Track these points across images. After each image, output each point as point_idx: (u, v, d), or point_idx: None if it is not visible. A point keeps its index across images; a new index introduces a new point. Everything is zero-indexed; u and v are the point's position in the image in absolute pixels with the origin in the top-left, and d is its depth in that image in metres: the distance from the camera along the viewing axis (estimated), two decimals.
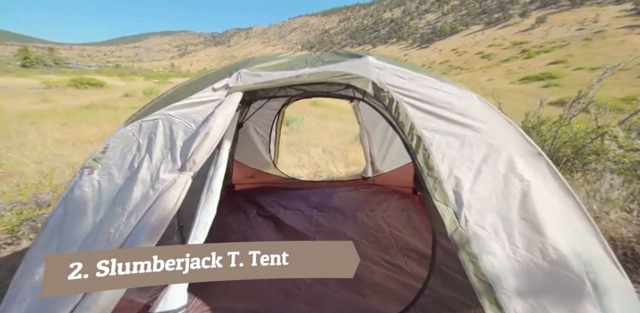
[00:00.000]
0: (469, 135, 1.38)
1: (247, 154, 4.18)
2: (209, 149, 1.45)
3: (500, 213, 1.19)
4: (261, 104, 3.75)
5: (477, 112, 1.44)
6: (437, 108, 1.48)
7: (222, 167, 1.82)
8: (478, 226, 1.17)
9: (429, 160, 1.39)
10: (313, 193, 3.91)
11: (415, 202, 3.48)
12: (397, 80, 1.60)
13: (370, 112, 3.87)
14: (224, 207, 3.51)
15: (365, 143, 3.92)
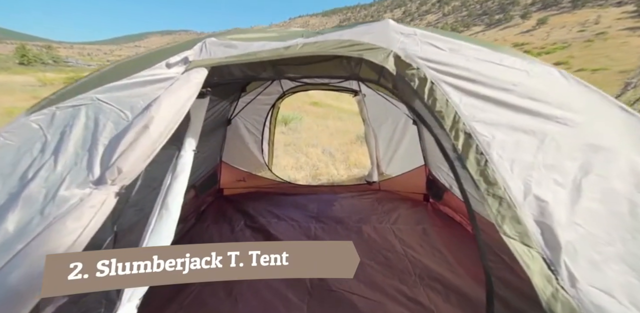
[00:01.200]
0: (553, 131, 0.88)
1: (237, 155, 3.67)
2: (146, 150, 0.94)
3: (634, 264, 0.68)
4: (251, 97, 3.24)
5: (563, 96, 0.93)
6: (497, 91, 0.98)
7: (183, 177, 1.31)
8: (598, 290, 0.66)
9: (487, 169, 0.89)
10: (311, 200, 3.40)
11: (429, 212, 2.97)
12: (431, 51, 1.09)
13: (377, 107, 3.36)
14: (207, 216, 3.01)
15: (371, 143, 3.41)
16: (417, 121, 3.07)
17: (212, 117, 2.70)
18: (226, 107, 2.99)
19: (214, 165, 3.38)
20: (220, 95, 2.56)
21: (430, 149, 2.98)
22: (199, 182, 2.96)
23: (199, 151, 1.71)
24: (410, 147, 3.37)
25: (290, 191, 3.70)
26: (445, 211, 2.86)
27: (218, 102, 2.65)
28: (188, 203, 2.80)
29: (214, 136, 3.06)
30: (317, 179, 4.43)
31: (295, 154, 5.82)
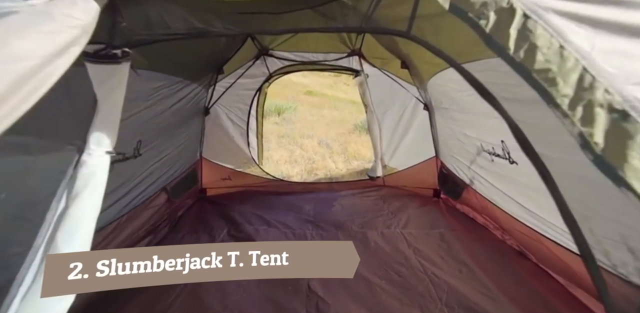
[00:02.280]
0: None
1: (220, 150, 3.15)
2: None
3: None
4: (230, 81, 2.67)
5: None
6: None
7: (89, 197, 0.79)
8: None
9: None
10: (307, 199, 2.92)
11: (443, 211, 2.51)
12: None
13: (382, 90, 2.82)
14: (183, 224, 2.52)
15: (375, 132, 2.90)
16: (430, 106, 2.56)
17: (180, 105, 2.15)
18: (200, 92, 2.44)
19: (193, 162, 2.86)
20: (186, 74, 2.01)
21: (443, 137, 2.48)
22: (171, 184, 2.45)
23: (167, 147, 1.18)
24: (418, 136, 2.87)
25: (283, 190, 3.21)
26: (463, 210, 2.40)
27: (185, 85, 2.10)
28: (158, 210, 2.30)
29: (186, 128, 2.51)
30: (313, 174, 3.94)
31: (289, 146, 5.30)
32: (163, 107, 1.93)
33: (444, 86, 1.98)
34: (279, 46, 2.45)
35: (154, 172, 2.16)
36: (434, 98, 2.31)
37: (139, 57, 1.50)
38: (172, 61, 1.76)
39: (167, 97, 1.90)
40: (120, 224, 1.87)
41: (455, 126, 2.07)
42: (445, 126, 2.27)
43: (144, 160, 1.99)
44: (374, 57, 2.47)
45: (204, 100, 2.71)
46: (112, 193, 1.70)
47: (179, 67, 1.86)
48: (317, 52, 2.54)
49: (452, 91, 1.87)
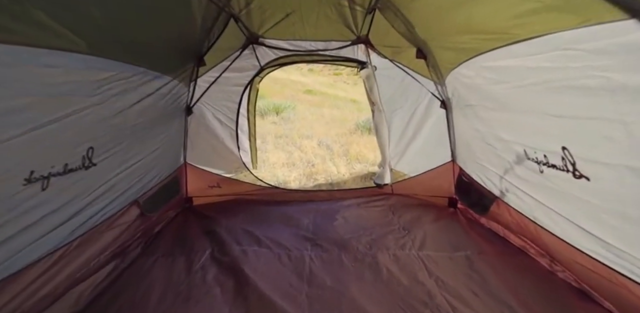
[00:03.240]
0: None
1: (207, 154, 2.74)
2: None
3: None
4: (213, 75, 2.25)
5: None
6: None
7: None
8: None
9: None
10: (305, 211, 2.52)
11: (465, 226, 2.10)
12: None
13: (391, 86, 2.39)
14: (158, 244, 2.11)
15: (384, 134, 2.48)
16: (448, 103, 2.14)
17: (149, 103, 1.74)
18: (177, 88, 2.02)
19: (174, 169, 2.44)
20: (152, 63, 1.59)
21: (465, 140, 2.06)
22: (145, 196, 2.04)
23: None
24: (431, 138, 2.46)
25: (278, 198, 2.80)
26: (489, 226, 1.99)
27: (153, 78, 1.68)
28: (128, 228, 1.89)
29: (163, 130, 2.10)
30: (312, 179, 3.53)
31: (287, 147, 4.90)
32: (122, 104, 1.51)
33: (472, 78, 1.56)
34: (271, 32, 2.02)
35: (118, 183, 1.75)
36: (455, 93, 1.89)
37: (70, 34, 1.09)
38: (126, 44, 1.34)
39: (126, 91, 1.48)
40: (70, 251, 1.47)
41: (485, 127, 1.66)
42: (470, 127, 1.86)
43: (102, 171, 1.58)
44: (383, 46, 2.04)
45: (185, 97, 2.29)
46: (50, 215, 1.29)
47: (137, 52, 1.44)
48: (316, 40, 2.11)
49: (485, 83, 1.46)
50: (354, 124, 6.24)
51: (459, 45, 1.50)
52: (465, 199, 2.21)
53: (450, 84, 1.93)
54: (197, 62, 2.04)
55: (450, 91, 1.99)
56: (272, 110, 7.49)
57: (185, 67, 1.95)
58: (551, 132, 1.12)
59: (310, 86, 15.11)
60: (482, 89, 1.49)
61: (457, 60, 1.63)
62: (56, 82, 1.13)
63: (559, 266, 1.41)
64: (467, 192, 2.15)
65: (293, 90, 13.67)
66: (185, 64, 1.93)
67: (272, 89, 12.85)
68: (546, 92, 1.05)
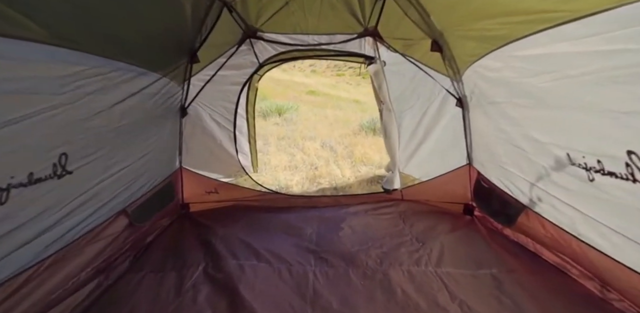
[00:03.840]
0: None
1: (204, 158, 2.54)
2: None
3: None
4: (209, 73, 2.04)
5: None
6: None
7: None
8: None
9: None
10: (309, 218, 2.30)
11: (486, 237, 1.87)
12: None
13: (401, 83, 2.18)
14: (148, 257, 1.90)
15: (394, 135, 2.26)
16: (464, 101, 1.91)
17: (134, 102, 1.54)
18: (168, 86, 1.82)
19: (168, 174, 2.25)
20: (135, 58, 1.39)
21: (486, 141, 1.84)
22: (134, 205, 1.84)
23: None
24: (445, 138, 2.23)
25: (279, 204, 2.59)
26: (515, 238, 1.75)
27: (138, 74, 1.48)
28: (114, 240, 1.70)
29: (155, 133, 1.90)
30: (316, 183, 3.32)
31: (290, 149, 4.69)
32: (100, 104, 1.32)
33: (499, 71, 1.34)
34: (270, 25, 1.81)
35: (101, 192, 1.55)
36: (476, 90, 1.67)
37: (26, 21, 0.90)
38: (100, 34, 1.14)
39: (104, 90, 1.28)
40: (42, 271, 1.28)
41: (513, 127, 1.43)
42: (493, 127, 1.63)
43: (81, 179, 1.39)
44: (394, 38, 1.83)
45: (178, 97, 2.09)
46: (13, 232, 1.10)
47: (115, 45, 1.24)
48: (319, 33, 1.91)
49: (516, 76, 1.23)
50: (357, 125, 6.03)
51: (484, 33, 1.28)
52: (485, 207, 1.98)
53: (469, 80, 1.70)
54: (189, 58, 1.84)
55: (468, 88, 1.77)
56: (274, 111, 7.31)
57: (177, 63, 1.75)
58: (611, 133, 0.89)
59: (313, 87, 14.94)
60: (513, 82, 1.27)
61: (479, 51, 1.41)
62: (11, 77, 0.94)
63: (614, 293, 1.17)
64: (488, 199, 1.92)
65: (296, 92, 13.51)
66: (176, 60, 1.73)
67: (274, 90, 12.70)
68: (607, 83, 0.83)
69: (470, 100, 1.79)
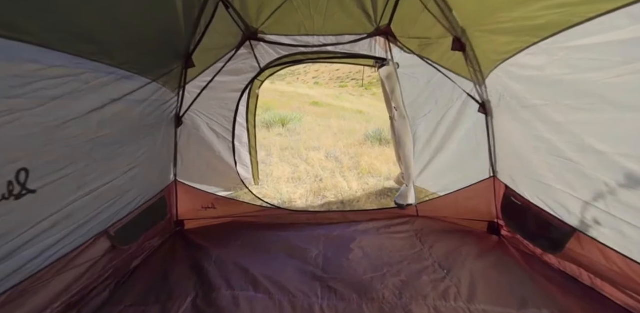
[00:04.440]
0: None
1: (202, 171, 2.32)
2: None
3: None
4: (206, 79, 1.85)
5: None
6: None
7: None
8: None
9: None
10: (314, 238, 2.03)
11: (522, 264, 1.56)
12: None
13: (416, 88, 1.96)
14: (131, 285, 1.64)
15: (408, 145, 2.01)
16: (487, 106, 1.68)
17: (118, 109, 1.33)
18: (159, 92, 1.62)
19: (161, 189, 2.02)
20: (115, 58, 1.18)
21: (517, 151, 1.58)
22: (119, 225, 1.60)
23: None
24: (464, 148, 1.98)
25: (282, 221, 2.32)
26: (561, 267, 1.45)
27: (121, 77, 1.27)
28: (93, 267, 1.45)
29: (143, 144, 1.68)
30: (321, 196, 3.05)
31: (293, 160, 4.46)
32: (70, 111, 1.10)
33: (542, 68, 1.11)
34: (271, 26, 1.62)
35: (75, 213, 1.32)
36: (505, 93, 1.43)
37: None
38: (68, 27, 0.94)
39: (75, 94, 1.07)
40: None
41: (558, 134, 1.18)
42: (528, 134, 1.38)
43: (47, 199, 1.16)
44: (408, 37, 1.62)
45: (173, 105, 1.89)
46: None
47: (89, 41, 1.04)
48: (326, 34, 1.71)
49: (569, 73, 1.00)
50: (362, 135, 5.80)
51: (524, 23, 1.06)
52: (518, 227, 1.69)
53: (497, 82, 1.47)
54: (184, 62, 1.65)
55: (495, 91, 1.53)
56: (277, 122, 7.16)
57: (169, 67, 1.56)
58: None
59: (317, 98, 14.92)
60: (563, 81, 1.03)
61: (514, 47, 1.18)
62: None
63: None
64: (521, 218, 1.63)
65: (300, 103, 13.47)
66: (167, 64, 1.53)
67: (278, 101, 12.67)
68: None
69: (498, 105, 1.55)
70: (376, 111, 12.75)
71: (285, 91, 15.75)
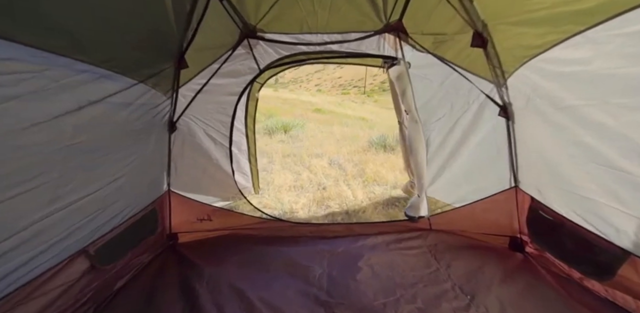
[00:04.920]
0: None
1: (198, 180, 2.14)
2: None
3: None
4: (201, 81, 1.69)
5: None
6: None
7: None
8: None
9: None
10: (317, 254, 1.83)
11: (557, 290, 1.34)
12: None
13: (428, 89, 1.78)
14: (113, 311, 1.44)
15: (420, 150, 1.82)
16: (508, 109, 1.50)
17: (97, 113, 1.17)
18: (148, 95, 1.46)
19: (152, 200, 1.84)
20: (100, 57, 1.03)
21: (545, 159, 1.38)
22: (101, 242, 1.41)
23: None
24: (481, 155, 1.79)
25: (282, 234, 2.12)
26: (608, 296, 1.22)
27: (103, 77, 1.12)
28: (68, 290, 1.26)
29: (130, 151, 1.52)
30: (324, 206, 2.85)
31: (295, 167, 4.27)
32: (37, 113, 0.94)
33: (586, 62, 0.93)
34: (271, 23, 1.47)
35: (47, 230, 1.14)
36: (534, 92, 1.25)
37: None
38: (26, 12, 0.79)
39: (41, 94, 0.91)
40: None
41: (605, 140, 0.99)
42: (562, 139, 1.19)
43: (10, 215, 0.99)
44: (422, 34, 1.46)
45: (165, 109, 1.73)
46: None
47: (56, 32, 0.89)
48: (330, 31, 1.56)
49: (625, 65, 0.82)
50: (366, 141, 5.62)
51: (563, 9, 0.89)
52: (548, 244, 1.48)
53: (523, 81, 1.30)
54: (177, 63, 1.50)
55: (519, 92, 1.35)
56: (280, 129, 7.01)
57: (159, 67, 1.40)
58: None
59: (319, 105, 14.87)
60: (615, 75, 0.85)
61: (549, 40, 1.01)
62: None
63: None
64: (552, 235, 1.42)
65: (302, 110, 13.40)
66: (157, 63, 1.38)
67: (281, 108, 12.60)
68: None
69: (524, 107, 1.37)
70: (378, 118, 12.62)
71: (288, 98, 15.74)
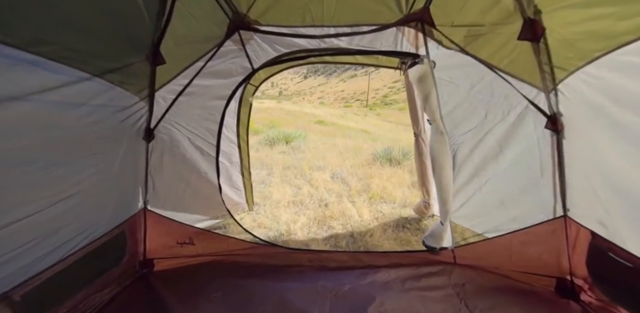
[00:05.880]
0: None
1: (179, 197, 1.80)
2: None
3: None
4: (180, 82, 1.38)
5: None
6: None
7: None
8: None
9: None
10: (318, 292, 1.45)
11: None
12: None
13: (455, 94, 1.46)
14: None
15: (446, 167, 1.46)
16: (556, 120, 1.17)
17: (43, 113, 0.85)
18: (115, 95, 1.15)
19: (120, 221, 1.49)
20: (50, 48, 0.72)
21: (615, 185, 1.03)
22: (34, 281, 1.05)
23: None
24: (520, 176, 1.44)
25: (276, 262, 1.75)
26: None
27: (36, 65, 0.81)
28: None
29: (89, 163, 1.19)
30: (326, 227, 2.47)
31: (296, 180, 3.92)
32: None
33: None
34: (267, 13, 1.18)
35: None
36: (608, 99, 0.93)
37: None
38: None
39: None
40: None
41: None
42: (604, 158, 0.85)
43: None
44: (451, 26, 1.15)
45: (139, 113, 1.42)
46: None
47: None
48: (338, 24, 1.27)
49: None
50: (370, 154, 5.29)
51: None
52: (621, 296, 1.09)
53: (589, 85, 0.98)
54: (151, 56, 1.20)
55: (581, 98, 1.03)
56: (282, 139, 6.73)
57: (123, 60, 1.10)
58: None
59: (322, 117, 14.71)
60: None
61: None
62: None
63: None
64: (628, 284, 1.04)
65: (305, 121, 13.24)
66: (120, 54, 1.08)
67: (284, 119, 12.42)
68: None
69: (589, 117, 1.03)
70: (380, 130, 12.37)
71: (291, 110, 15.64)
